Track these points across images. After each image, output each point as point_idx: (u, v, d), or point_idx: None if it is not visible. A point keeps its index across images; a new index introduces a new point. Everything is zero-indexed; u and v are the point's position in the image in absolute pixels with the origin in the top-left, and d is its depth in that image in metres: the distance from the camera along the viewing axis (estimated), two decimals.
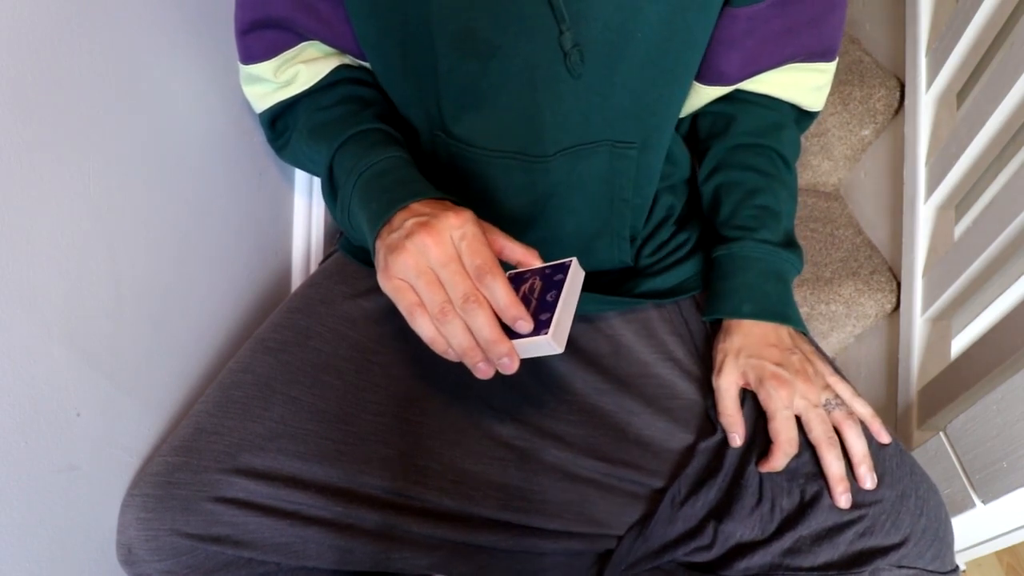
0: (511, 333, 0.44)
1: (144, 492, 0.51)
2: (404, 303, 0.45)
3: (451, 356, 0.46)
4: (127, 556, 0.51)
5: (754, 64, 0.59)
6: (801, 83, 0.63)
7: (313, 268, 0.87)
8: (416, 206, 0.48)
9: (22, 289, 0.42)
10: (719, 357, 0.59)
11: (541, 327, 0.43)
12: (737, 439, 0.56)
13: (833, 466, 0.52)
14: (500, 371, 0.45)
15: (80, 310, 0.47)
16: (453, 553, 0.55)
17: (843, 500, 0.51)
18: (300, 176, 0.83)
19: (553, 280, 0.46)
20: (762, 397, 0.56)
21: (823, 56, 0.61)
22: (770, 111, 0.64)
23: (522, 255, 0.47)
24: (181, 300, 0.59)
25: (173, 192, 0.57)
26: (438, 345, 0.45)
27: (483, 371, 0.45)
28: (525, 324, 0.43)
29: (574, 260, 0.47)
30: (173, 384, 0.59)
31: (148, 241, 0.54)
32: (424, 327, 0.45)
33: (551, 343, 0.43)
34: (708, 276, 0.65)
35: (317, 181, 0.85)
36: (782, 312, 0.59)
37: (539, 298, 0.45)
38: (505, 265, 0.47)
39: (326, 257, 0.74)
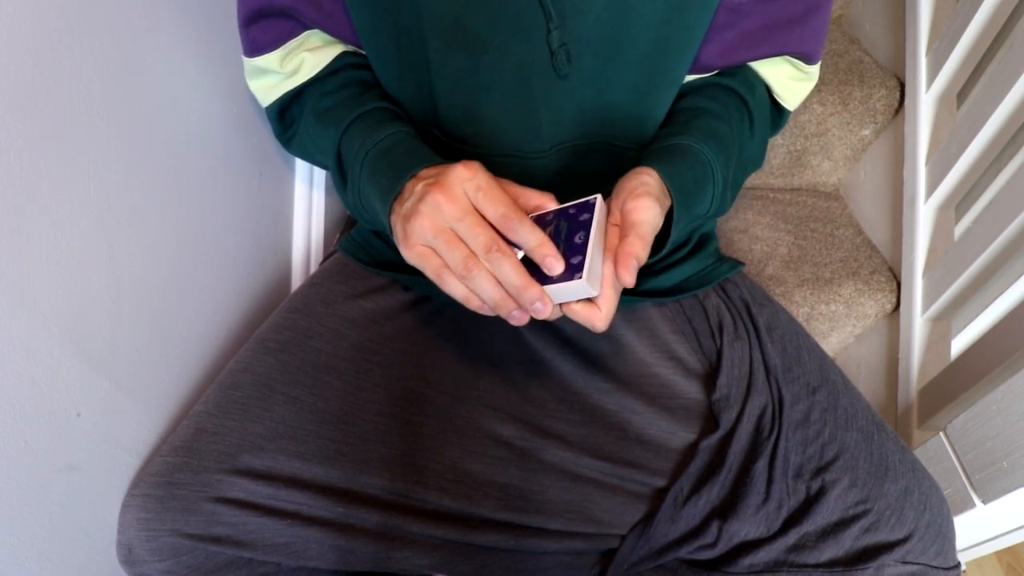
0: (543, 278, 0.43)
1: (144, 492, 0.51)
2: (430, 268, 0.44)
3: (486, 311, 0.45)
4: (127, 556, 0.51)
5: (731, 56, 0.58)
6: (779, 71, 0.61)
7: (313, 268, 0.87)
8: (423, 172, 0.47)
9: (22, 289, 0.41)
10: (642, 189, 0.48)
11: (574, 271, 0.42)
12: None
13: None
14: (535, 316, 0.43)
15: (80, 310, 0.47)
16: (454, 553, 0.55)
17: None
18: (300, 177, 0.82)
19: (579, 220, 0.44)
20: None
21: (803, 59, 0.60)
22: (746, 75, 0.62)
23: (538, 200, 0.46)
24: (181, 300, 0.59)
25: (173, 192, 0.57)
26: (472, 302, 0.44)
27: (518, 319, 0.44)
28: (557, 263, 0.42)
29: (599, 197, 0.46)
30: (173, 384, 0.59)
31: (148, 241, 0.54)
32: (454, 287, 0.44)
33: (585, 286, 0.42)
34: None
35: (317, 182, 0.85)
36: (685, 198, 0.51)
37: (567, 240, 0.44)
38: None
39: (326, 257, 0.74)
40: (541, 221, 0.46)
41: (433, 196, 0.43)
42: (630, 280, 0.42)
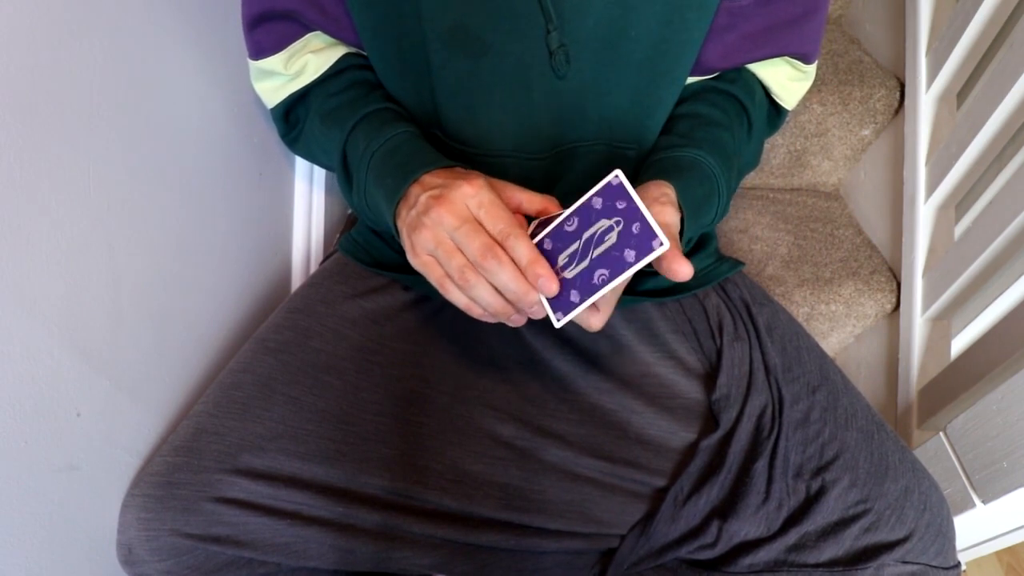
0: None
1: (145, 492, 0.51)
2: (434, 277, 0.46)
3: (488, 319, 0.46)
4: (127, 556, 0.51)
5: (732, 58, 0.58)
6: (778, 72, 0.61)
7: (313, 268, 0.87)
8: (428, 178, 0.48)
9: (22, 289, 0.41)
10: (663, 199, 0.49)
11: (568, 286, 0.42)
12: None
13: None
14: (532, 317, 0.45)
15: (80, 310, 0.47)
16: (454, 553, 0.55)
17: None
18: (300, 176, 0.82)
19: (616, 208, 0.43)
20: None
21: (802, 59, 0.60)
22: (746, 79, 0.62)
23: (541, 204, 0.47)
24: (181, 300, 0.59)
25: (173, 192, 0.57)
26: (474, 311, 0.46)
27: (516, 321, 0.45)
28: (549, 284, 0.42)
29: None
30: (173, 384, 0.59)
31: (148, 241, 0.54)
32: (455, 296, 0.45)
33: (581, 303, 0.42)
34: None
35: (318, 181, 0.85)
36: (694, 212, 0.52)
37: (593, 244, 0.43)
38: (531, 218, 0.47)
39: (326, 257, 0.74)
40: (586, 213, 0.45)
41: (436, 211, 0.44)
42: (690, 270, 0.41)
